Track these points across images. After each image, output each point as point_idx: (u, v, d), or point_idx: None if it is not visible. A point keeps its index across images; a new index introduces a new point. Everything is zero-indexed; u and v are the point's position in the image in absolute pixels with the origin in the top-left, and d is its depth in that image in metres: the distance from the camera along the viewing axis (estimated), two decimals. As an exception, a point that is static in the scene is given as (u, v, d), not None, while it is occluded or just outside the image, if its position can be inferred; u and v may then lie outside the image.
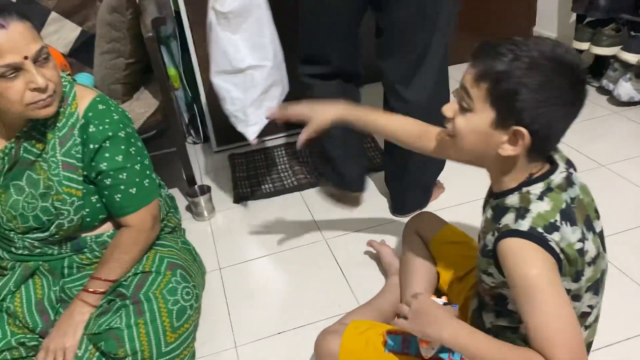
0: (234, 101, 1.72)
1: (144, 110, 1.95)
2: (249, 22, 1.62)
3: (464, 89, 0.95)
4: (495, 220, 0.99)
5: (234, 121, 1.77)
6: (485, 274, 1.04)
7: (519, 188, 0.98)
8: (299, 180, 2.20)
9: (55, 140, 1.31)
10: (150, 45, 1.82)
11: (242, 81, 1.68)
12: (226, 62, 1.66)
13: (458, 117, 0.97)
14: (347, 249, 1.79)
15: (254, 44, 1.65)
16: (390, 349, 1.14)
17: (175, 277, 1.37)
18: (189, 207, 2.09)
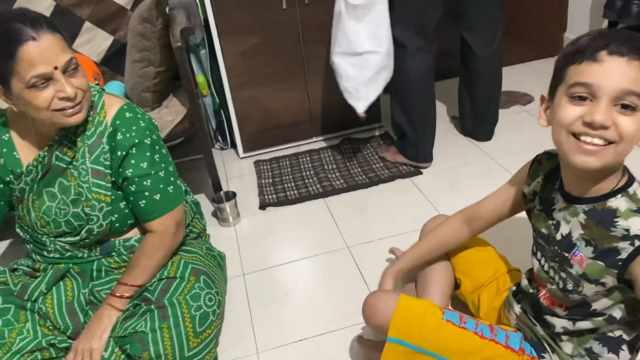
0: (349, 79, 2.01)
1: (172, 118, 1.99)
2: (372, 14, 1.92)
3: (630, 92, 0.88)
4: (604, 225, 0.96)
5: (347, 96, 2.06)
6: (590, 282, 0.99)
7: (622, 190, 0.96)
8: (324, 187, 2.21)
9: (84, 148, 1.36)
10: (179, 55, 1.86)
11: (358, 62, 1.97)
12: (348, 45, 1.96)
13: (620, 120, 0.89)
14: (370, 257, 1.80)
15: (373, 32, 1.94)
16: (449, 319, 1.15)
17: (198, 283, 1.40)
18: (214, 213, 2.13)
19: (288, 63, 2.44)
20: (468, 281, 1.43)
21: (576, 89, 0.91)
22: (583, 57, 0.91)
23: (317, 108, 2.58)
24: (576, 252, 1.01)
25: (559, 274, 1.06)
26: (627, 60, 0.87)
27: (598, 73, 0.89)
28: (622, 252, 0.94)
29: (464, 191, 2.08)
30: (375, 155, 2.43)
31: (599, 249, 0.97)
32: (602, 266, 0.97)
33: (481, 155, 2.29)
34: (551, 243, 1.09)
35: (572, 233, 1.03)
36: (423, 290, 1.43)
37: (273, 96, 2.51)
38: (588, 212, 0.99)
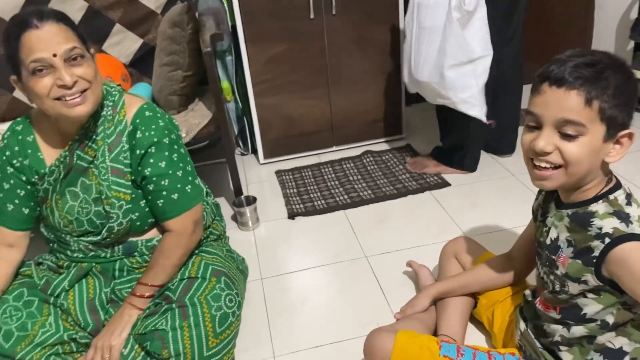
0: (464, 89, 1.99)
1: (198, 122, 2.02)
2: (475, 17, 1.93)
3: (566, 121, 0.95)
4: (583, 225, 1.01)
5: (464, 108, 2.02)
6: (573, 281, 1.04)
7: (603, 196, 1.02)
8: (352, 197, 2.22)
9: (104, 147, 1.38)
10: (208, 59, 1.89)
11: (472, 70, 1.97)
12: (460, 54, 1.94)
13: (564, 146, 0.97)
14: (388, 268, 1.80)
15: (480, 37, 1.95)
16: (445, 354, 1.17)
17: (219, 284, 1.41)
18: (234, 217, 2.15)
19: (312, 72, 2.47)
20: (484, 298, 1.44)
21: (528, 117, 1.01)
22: (535, 87, 1.00)
23: (338, 117, 2.60)
24: (560, 254, 1.07)
25: (549, 277, 1.11)
26: (564, 91, 0.94)
27: (541, 103, 0.97)
28: (595, 250, 0.98)
29: (484, 207, 2.08)
30: (399, 166, 2.43)
31: (577, 248, 1.02)
32: (580, 264, 1.02)
33: (502, 171, 2.29)
34: (544, 249, 1.13)
35: (559, 237, 1.08)
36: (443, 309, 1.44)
37: (296, 104, 2.53)
38: (571, 215, 1.05)
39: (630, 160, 1.00)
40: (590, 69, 0.94)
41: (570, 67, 0.95)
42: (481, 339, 1.48)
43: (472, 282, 1.43)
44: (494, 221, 1.97)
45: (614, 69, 0.96)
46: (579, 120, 0.94)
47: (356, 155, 2.57)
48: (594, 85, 0.94)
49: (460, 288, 1.45)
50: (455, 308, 1.44)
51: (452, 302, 1.45)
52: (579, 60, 0.96)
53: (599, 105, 0.94)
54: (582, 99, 0.94)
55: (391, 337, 1.23)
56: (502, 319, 1.38)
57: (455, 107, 2.02)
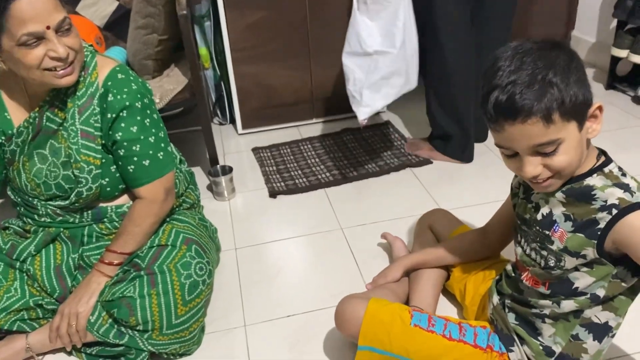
0: (355, 82, 1.87)
1: (173, 87, 1.97)
2: (387, 11, 1.79)
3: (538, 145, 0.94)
4: (583, 199, 0.99)
5: (351, 100, 1.91)
6: (571, 255, 1.02)
7: (598, 169, 1.00)
8: (334, 175, 2.17)
9: (74, 109, 1.33)
10: (184, 23, 1.84)
11: (367, 64, 1.84)
12: (358, 44, 1.83)
13: (549, 162, 0.96)
14: (363, 240, 1.79)
15: (386, 31, 1.81)
16: (417, 324, 1.17)
17: (190, 252, 1.39)
18: (209, 186, 2.12)
19: (293, 41, 2.42)
20: (457, 271, 1.44)
21: (500, 148, 1.01)
22: (489, 123, 0.98)
23: (319, 89, 2.56)
24: (556, 228, 1.04)
25: (540, 253, 1.09)
26: (521, 123, 0.92)
27: (506, 139, 0.96)
28: (600, 222, 0.97)
29: (462, 182, 2.08)
30: (379, 143, 2.39)
31: (578, 222, 1.00)
32: (582, 237, 1.00)
33: (480, 146, 2.28)
34: (532, 225, 1.11)
35: (552, 212, 1.06)
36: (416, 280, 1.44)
37: (276, 74, 2.48)
38: (566, 191, 1.02)
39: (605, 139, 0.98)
40: (532, 87, 0.91)
41: (517, 97, 0.91)
42: (453, 311, 1.48)
43: (446, 254, 1.42)
44: (472, 196, 1.96)
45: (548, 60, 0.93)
46: (551, 139, 0.93)
47: (336, 132, 2.52)
48: (544, 100, 0.91)
49: (434, 260, 1.44)
50: (427, 280, 1.43)
51: (424, 274, 1.44)
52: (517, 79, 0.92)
53: (559, 113, 0.92)
54: (541, 122, 0.91)
55: (363, 303, 1.22)
56: (474, 291, 1.38)
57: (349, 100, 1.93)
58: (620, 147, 2.16)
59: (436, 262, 1.44)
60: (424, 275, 1.44)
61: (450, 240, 1.45)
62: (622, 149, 2.16)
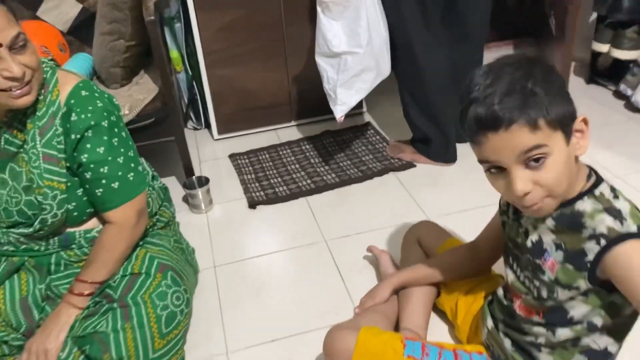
0: (329, 80, 1.90)
1: (143, 97, 1.87)
2: (349, 10, 1.78)
3: (526, 152, 0.87)
4: (573, 227, 0.93)
5: (328, 99, 1.94)
6: (563, 287, 0.96)
7: (588, 192, 0.94)
8: (316, 182, 2.09)
9: (35, 131, 1.23)
10: (152, 29, 1.74)
11: (337, 63, 1.86)
12: (325, 45, 1.84)
13: (539, 177, 0.89)
14: (347, 252, 1.73)
15: (351, 31, 1.81)
16: (410, 354, 1.11)
17: (165, 280, 1.30)
18: (185, 198, 2.02)
19: (268, 42, 2.33)
20: (447, 288, 1.38)
21: (483, 164, 0.94)
22: (471, 137, 0.92)
23: (296, 91, 2.48)
24: (547, 258, 0.99)
25: (533, 282, 1.03)
26: (504, 131, 0.86)
27: (489, 151, 0.90)
28: (588, 253, 0.91)
29: (447, 187, 2.02)
30: (361, 147, 2.32)
31: (569, 252, 0.95)
32: (572, 269, 0.94)
33: (463, 147, 2.23)
34: (524, 251, 1.05)
35: (542, 239, 1.00)
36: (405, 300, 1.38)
37: (251, 76, 2.39)
38: (556, 217, 0.97)
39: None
40: (513, 96, 0.86)
41: (496, 106, 0.86)
42: (444, 330, 1.43)
43: (436, 271, 1.36)
44: (457, 201, 1.91)
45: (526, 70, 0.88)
46: (538, 143, 0.87)
47: (315, 135, 2.44)
48: (528, 107, 0.86)
49: (424, 278, 1.38)
50: (417, 299, 1.37)
51: (414, 293, 1.38)
52: (495, 90, 0.87)
53: (545, 120, 0.86)
54: (526, 128, 0.86)
55: (353, 335, 1.15)
56: (466, 310, 1.33)
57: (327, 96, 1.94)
58: (601, 143, 2.13)
59: (426, 280, 1.38)
60: (413, 295, 1.38)
61: (440, 257, 1.40)
62: (603, 144, 2.12)
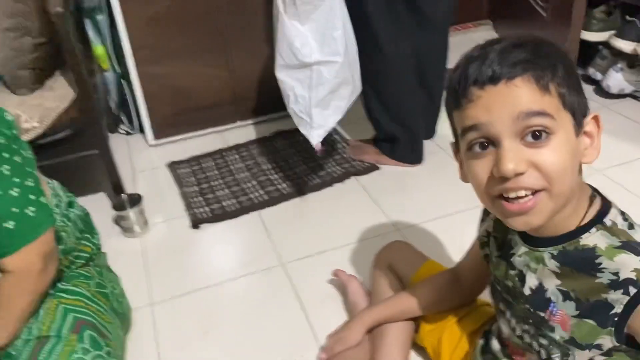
0: (297, 99, 1.56)
1: (56, 105, 1.57)
2: (320, 11, 1.46)
3: (527, 114, 0.67)
4: (584, 270, 0.73)
5: (297, 122, 1.60)
6: (582, 348, 0.75)
7: (596, 222, 0.74)
8: (269, 193, 1.84)
9: None
10: (60, 23, 1.44)
11: (308, 77, 1.53)
12: (291, 55, 1.51)
13: (538, 157, 0.68)
14: (309, 277, 1.49)
15: (323, 36, 1.49)
16: None
17: (82, 342, 1.04)
18: (116, 220, 1.74)
19: (205, 35, 2.06)
20: (428, 322, 1.17)
21: (468, 136, 0.72)
22: (459, 98, 0.72)
23: (242, 87, 2.21)
24: (554, 311, 0.77)
25: (537, 340, 0.82)
26: (506, 84, 0.67)
27: (481, 111, 0.69)
28: (615, 305, 0.70)
29: (414, 191, 1.81)
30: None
31: (583, 304, 0.73)
32: (594, 325, 0.73)
33: (430, 145, 2.02)
34: (519, 300, 0.84)
35: (543, 285, 0.78)
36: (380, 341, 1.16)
37: (188, 73, 2.12)
38: (559, 256, 0.76)
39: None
40: (522, 49, 0.68)
41: (497, 55, 0.67)
42: (426, 369, 1.22)
43: (415, 305, 1.15)
44: (428, 207, 1.69)
45: (549, 44, 0.71)
46: (544, 110, 0.66)
47: (266, 137, 2.18)
48: (539, 65, 0.67)
49: (400, 313, 1.16)
50: (393, 339, 1.16)
51: (389, 332, 1.16)
52: (502, 45, 0.69)
53: (557, 90, 0.68)
54: (533, 85, 0.66)
55: None
56: (451, 350, 1.11)
57: (293, 119, 1.62)
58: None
59: (403, 315, 1.17)
60: (388, 334, 1.16)
61: (418, 288, 1.17)
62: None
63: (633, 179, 1.73)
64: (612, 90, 2.18)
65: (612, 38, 2.14)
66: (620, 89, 2.17)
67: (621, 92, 2.18)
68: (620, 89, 2.17)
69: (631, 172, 1.78)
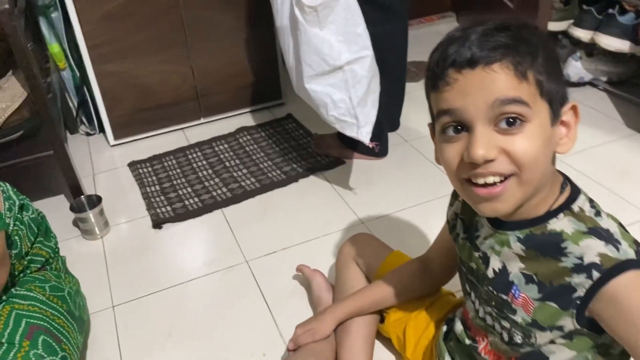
0: (337, 105, 1.55)
1: (6, 105, 1.51)
2: (337, 11, 1.45)
3: (502, 101, 0.66)
4: (549, 254, 0.73)
5: (341, 127, 1.59)
6: (543, 330, 0.75)
7: (563, 208, 0.75)
8: (233, 190, 1.81)
9: None
10: (5, 20, 1.39)
11: (342, 80, 1.52)
12: (321, 62, 1.50)
13: (510, 144, 0.68)
14: (274, 274, 1.47)
15: (346, 35, 1.49)
16: None
17: (35, 348, 1.00)
18: (76, 223, 1.69)
19: (164, 30, 2.02)
20: (393, 311, 1.17)
21: (442, 119, 0.72)
22: (437, 80, 0.71)
23: (204, 84, 2.18)
24: (517, 294, 0.77)
25: (500, 322, 0.82)
26: (483, 69, 0.67)
27: (457, 95, 0.69)
28: (578, 288, 0.70)
29: (381, 185, 1.80)
30: (283, 143, 2.05)
31: (546, 287, 0.74)
32: (556, 308, 0.73)
33: (394, 137, 2.02)
34: (483, 282, 0.84)
35: (507, 268, 0.79)
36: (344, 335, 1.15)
37: (148, 70, 2.07)
38: (524, 239, 0.76)
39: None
40: (502, 33, 0.67)
41: (478, 38, 0.67)
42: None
43: (384, 296, 1.14)
44: (394, 200, 1.69)
45: (531, 29, 0.70)
46: (520, 97, 0.66)
47: (229, 133, 2.15)
48: (519, 52, 0.66)
49: (373, 304, 1.15)
50: (357, 334, 1.15)
51: (353, 326, 1.15)
52: (484, 27, 0.68)
53: (535, 77, 0.67)
54: (511, 72, 0.66)
55: None
56: (415, 340, 1.11)
57: (334, 126, 1.62)
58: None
59: (375, 306, 1.16)
60: (352, 328, 1.15)
61: (388, 277, 1.16)
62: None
63: (593, 166, 1.76)
64: (571, 78, 2.21)
65: (571, 27, 2.17)
66: (580, 77, 2.20)
67: (580, 80, 2.21)
68: (579, 77, 2.20)
69: (591, 159, 1.80)
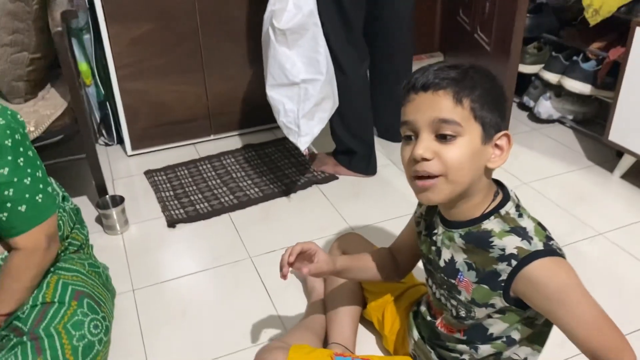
0: (287, 113, 1.82)
1: (50, 112, 1.75)
2: (305, 38, 1.75)
3: (440, 120, 0.90)
4: (482, 246, 0.96)
5: (286, 132, 1.87)
6: (480, 306, 0.99)
7: (495, 211, 0.97)
8: (238, 197, 2.04)
9: None
10: (59, 41, 1.63)
11: (296, 94, 1.80)
12: (282, 75, 1.78)
13: (443, 151, 0.91)
14: (274, 268, 1.68)
15: (309, 59, 1.78)
16: None
17: (81, 308, 1.22)
18: (99, 219, 1.92)
19: (184, 54, 2.27)
20: (373, 298, 1.39)
21: (402, 128, 0.97)
22: (404, 98, 0.96)
23: (215, 104, 2.43)
24: (461, 278, 1.01)
25: (450, 301, 1.05)
26: (432, 93, 0.92)
27: (412, 110, 0.94)
28: (502, 274, 0.94)
29: (369, 197, 2.05)
30: (284, 160, 2.30)
31: (481, 272, 0.97)
32: (487, 289, 0.97)
33: (382, 158, 2.27)
34: (437, 270, 1.07)
35: (454, 259, 1.02)
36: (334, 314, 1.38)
37: (167, 89, 2.32)
38: (465, 236, 0.99)
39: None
40: (453, 70, 0.93)
41: (434, 71, 0.93)
42: (372, 340, 1.44)
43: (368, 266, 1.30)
44: (378, 212, 1.94)
45: (478, 70, 0.95)
46: (453, 119, 0.90)
47: (236, 149, 2.40)
48: (461, 84, 0.91)
49: (356, 270, 1.30)
50: (345, 314, 1.37)
51: (341, 308, 1.38)
52: (442, 64, 0.95)
53: (470, 105, 0.91)
54: (451, 98, 0.91)
55: (283, 354, 1.14)
56: (391, 320, 1.34)
57: (282, 130, 1.90)
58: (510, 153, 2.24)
59: (356, 272, 1.31)
60: (340, 309, 1.38)
61: (370, 254, 1.34)
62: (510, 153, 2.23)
63: (556, 191, 2.01)
64: (542, 116, 2.48)
65: (542, 70, 2.46)
66: (549, 115, 2.48)
67: (550, 117, 2.49)
68: (549, 115, 2.48)
69: (554, 185, 2.06)
